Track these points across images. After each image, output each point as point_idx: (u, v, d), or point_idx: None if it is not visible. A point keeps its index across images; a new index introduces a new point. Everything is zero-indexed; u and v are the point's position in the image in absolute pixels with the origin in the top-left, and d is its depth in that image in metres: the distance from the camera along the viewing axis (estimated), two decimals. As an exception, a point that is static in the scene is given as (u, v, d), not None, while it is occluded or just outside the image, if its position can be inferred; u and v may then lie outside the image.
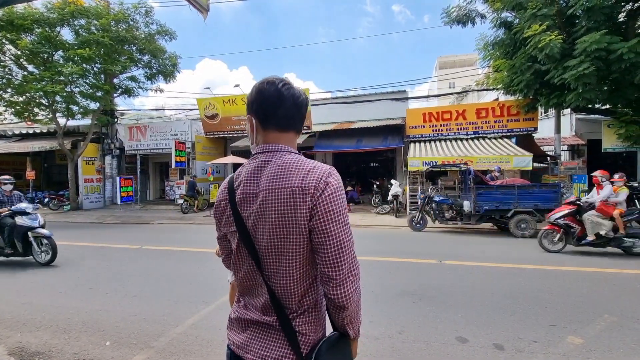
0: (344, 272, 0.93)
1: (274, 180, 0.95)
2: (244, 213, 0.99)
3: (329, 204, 0.92)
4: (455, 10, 11.35)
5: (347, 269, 0.93)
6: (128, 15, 13.93)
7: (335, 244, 0.92)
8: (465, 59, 41.64)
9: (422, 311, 3.75)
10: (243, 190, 1.00)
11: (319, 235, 0.92)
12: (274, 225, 0.94)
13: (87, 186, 15.92)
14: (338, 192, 0.95)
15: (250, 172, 1.01)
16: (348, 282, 0.93)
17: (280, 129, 1.03)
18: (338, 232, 0.93)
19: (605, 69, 8.12)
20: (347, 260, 0.93)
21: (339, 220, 0.93)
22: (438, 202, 9.10)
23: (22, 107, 13.90)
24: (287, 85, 1.02)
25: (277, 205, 0.93)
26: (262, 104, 1.02)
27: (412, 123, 13.50)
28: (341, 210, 0.95)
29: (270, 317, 1.00)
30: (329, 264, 0.92)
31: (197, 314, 3.76)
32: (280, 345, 0.98)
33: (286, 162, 0.97)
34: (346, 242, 0.94)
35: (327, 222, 0.92)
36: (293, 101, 1.02)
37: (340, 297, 0.93)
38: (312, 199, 0.91)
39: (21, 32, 12.43)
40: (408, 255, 6.47)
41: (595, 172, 6.57)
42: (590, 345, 2.97)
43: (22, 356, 2.94)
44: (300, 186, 0.92)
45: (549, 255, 6.31)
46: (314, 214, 0.92)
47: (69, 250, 7.36)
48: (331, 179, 0.95)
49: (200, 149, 15.76)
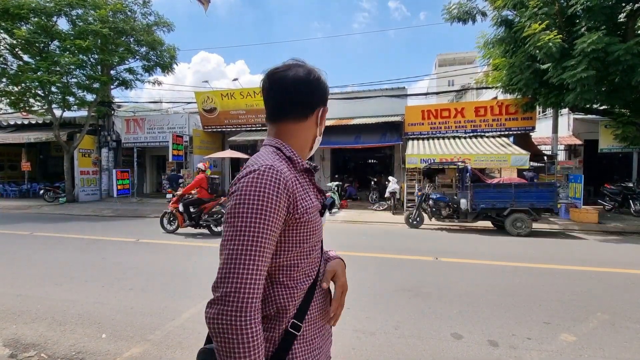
0: (217, 280, 0.78)
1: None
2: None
3: (231, 204, 0.82)
4: (456, 7, 11.30)
5: (219, 278, 0.78)
6: (126, 6, 13.77)
7: (223, 253, 0.80)
8: (464, 57, 41.58)
9: (417, 307, 3.78)
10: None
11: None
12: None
13: (83, 178, 15.82)
14: (242, 195, 0.80)
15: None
16: (217, 292, 0.77)
17: (271, 119, 0.99)
18: (227, 241, 0.79)
19: (604, 70, 8.14)
20: (224, 269, 0.78)
21: (229, 222, 0.80)
22: (435, 200, 9.13)
23: (17, 97, 13.74)
24: (276, 70, 0.96)
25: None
26: (263, 98, 1.00)
27: (410, 120, 13.50)
28: (237, 216, 0.79)
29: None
30: (218, 273, 0.80)
31: (193, 307, 3.77)
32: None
33: (250, 160, 0.93)
34: (234, 254, 0.77)
35: (224, 227, 0.82)
36: (279, 86, 0.95)
37: (206, 312, 0.78)
38: (229, 199, 0.85)
39: (17, 21, 12.25)
40: (404, 252, 6.51)
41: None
42: (583, 342, 3.01)
43: (18, 347, 2.93)
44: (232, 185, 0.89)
45: (545, 253, 6.37)
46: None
47: (64, 242, 7.33)
48: (246, 178, 0.83)
49: (198, 142, 15.69)
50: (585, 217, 9.77)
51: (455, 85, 31.61)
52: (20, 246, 6.99)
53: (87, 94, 14.67)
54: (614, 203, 11.45)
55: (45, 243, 7.26)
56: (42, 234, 8.20)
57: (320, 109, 1.00)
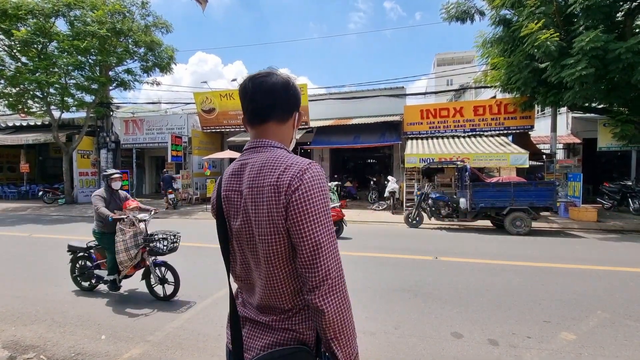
0: (321, 275, 0.86)
1: (254, 178, 0.93)
2: (228, 211, 0.99)
3: (303, 203, 0.86)
4: (454, 6, 11.31)
5: (324, 271, 0.86)
6: (124, 7, 13.75)
7: (310, 244, 0.86)
8: (463, 56, 41.59)
9: (417, 307, 3.77)
10: (226, 187, 1.00)
11: (295, 236, 0.88)
12: (255, 224, 0.92)
13: (82, 179, 15.80)
14: (313, 189, 0.88)
15: (235, 170, 1.01)
16: (325, 285, 0.86)
17: (257, 121, 1.02)
18: (314, 232, 0.86)
19: (602, 68, 8.15)
20: (324, 262, 0.86)
21: (314, 220, 0.87)
22: (434, 199, 9.13)
23: (16, 98, 13.69)
24: (258, 76, 1.00)
25: (256, 205, 0.91)
26: (241, 100, 1.03)
27: (409, 120, 13.50)
28: (317, 210, 0.87)
29: (266, 317, 0.98)
30: (305, 265, 0.87)
31: (192, 308, 3.76)
32: (273, 340, 0.96)
33: (267, 158, 0.95)
34: (324, 243, 0.87)
35: (301, 222, 0.86)
36: (261, 90, 0.99)
37: (316, 301, 0.86)
38: (285, 198, 0.87)
39: (15, 22, 12.21)
40: (404, 251, 6.51)
41: None
42: (583, 341, 3.01)
43: (17, 349, 2.92)
44: (275, 184, 0.89)
45: (545, 252, 6.37)
46: (288, 214, 0.87)
47: (63, 244, 7.31)
48: (307, 175, 0.89)
49: (197, 143, 15.67)
50: (584, 216, 9.78)
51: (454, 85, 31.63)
52: (20, 248, 6.98)
53: (86, 95, 14.64)
54: (613, 201, 11.46)
55: (44, 245, 7.24)
56: (41, 236, 8.18)
57: (296, 113, 1.07)
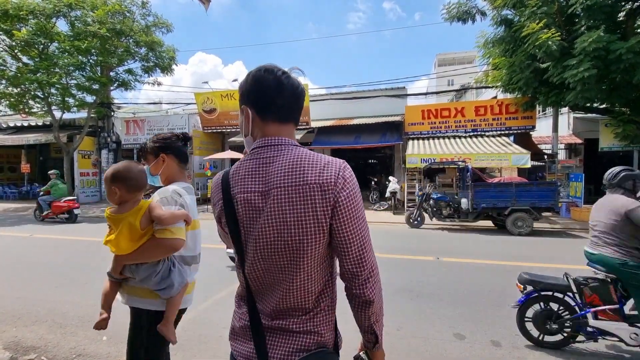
0: (368, 268, 0.93)
1: (287, 176, 0.89)
2: (245, 214, 0.91)
3: (350, 201, 0.90)
4: (455, 7, 11.29)
5: (370, 264, 0.93)
6: (124, 7, 13.76)
7: (358, 241, 0.91)
8: (464, 57, 41.57)
9: (419, 308, 3.76)
10: (243, 189, 0.92)
11: (342, 233, 0.89)
12: (289, 224, 0.88)
13: (83, 180, 15.80)
14: (356, 187, 0.93)
15: (254, 168, 0.93)
16: (372, 277, 0.94)
17: (280, 120, 0.96)
18: (360, 230, 0.92)
19: (604, 69, 8.13)
20: (369, 256, 0.93)
21: (359, 217, 0.92)
22: (436, 199, 9.12)
23: (17, 99, 13.71)
24: (286, 74, 0.96)
25: (293, 203, 0.87)
26: (260, 93, 0.94)
27: (410, 120, 13.48)
28: (360, 207, 0.93)
29: (283, 321, 0.94)
30: (353, 261, 0.91)
31: (193, 309, 3.75)
32: (296, 346, 0.93)
33: (297, 156, 0.91)
34: (367, 239, 0.94)
35: (349, 219, 0.89)
36: (292, 91, 0.95)
37: (366, 293, 0.93)
38: (332, 196, 0.88)
39: (16, 23, 12.23)
40: (405, 252, 6.49)
41: None
42: (586, 341, 2.99)
43: (18, 350, 2.91)
44: (317, 182, 0.87)
45: (546, 253, 6.35)
46: (335, 211, 0.88)
47: (64, 244, 7.32)
48: (347, 173, 0.92)
49: (197, 143, 15.67)
50: (586, 216, 9.70)
51: (455, 85, 31.61)
52: (20, 248, 6.98)
53: (87, 95, 14.64)
54: (615, 202, 11.41)
55: (45, 245, 7.24)
56: (42, 236, 8.18)
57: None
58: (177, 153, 1.78)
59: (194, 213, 1.74)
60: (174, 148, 1.76)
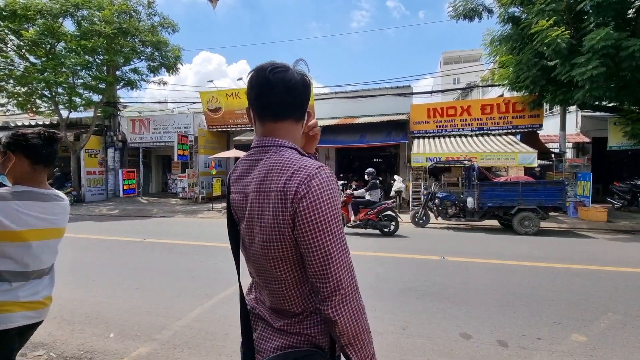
0: (332, 285, 0.83)
1: (261, 181, 0.89)
2: (236, 213, 0.97)
3: (310, 212, 0.82)
4: (462, 4, 11.20)
5: (335, 281, 0.83)
6: (130, 7, 13.85)
7: (320, 255, 0.83)
8: (470, 55, 41.24)
9: (425, 307, 3.74)
10: (235, 189, 0.98)
11: (303, 246, 0.84)
12: (261, 229, 0.88)
13: (90, 178, 15.95)
14: (322, 197, 0.83)
15: (242, 171, 0.97)
16: (336, 295, 0.83)
17: (274, 118, 0.95)
18: (323, 243, 0.82)
19: (614, 67, 8.01)
20: (335, 272, 0.83)
21: (323, 230, 0.82)
22: (441, 199, 9.07)
23: (25, 98, 13.88)
24: (277, 69, 0.92)
25: (262, 210, 0.87)
26: (252, 92, 0.95)
27: (416, 119, 13.41)
28: (326, 218, 0.83)
29: (278, 322, 0.96)
30: (315, 275, 0.84)
31: (199, 307, 3.77)
32: (287, 343, 0.94)
33: (276, 160, 0.89)
34: (334, 253, 0.83)
35: (309, 232, 0.82)
36: (283, 85, 0.91)
37: (327, 311, 0.84)
38: (292, 206, 0.82)
39: (24, 23, 12.38)
40: (411, 251, 6.47)
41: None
42: (595, 343, 2.96)
43: (27, 347, 2.95)
44: (282, 190, 0.84)
45: (553, 253, 6.29)
46: (295, 223, 0.83)
47: (71, 242, 7.39)
48: (314, 181, 0.83)
49: (203, 142, 15.74)
50: (594, 216, 9.64)
51: (460, 83, 31.39)
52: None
53: (93, 95, 14.78)
54: (623, 201, 11.28)
55: (53, 242, 7.32)
56: (50, 234, 8.27)
57: (306, 113, 1.02)
58: (27, 152, 1.51)
59: (23, 222, 1.47)
60: (24, 146, 1.50)
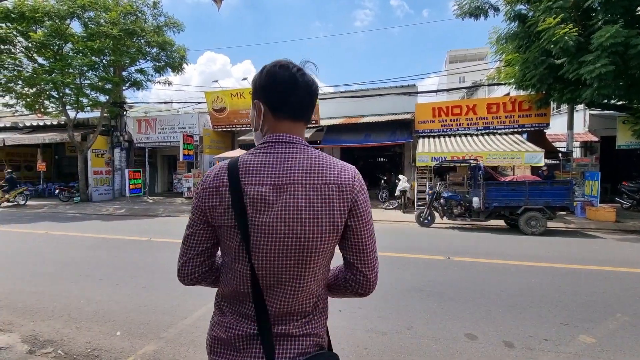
0: (376, 270, 0.98)
1: (307, 173, 0.88)
2: (256, 206, 0.86)
3: (365, 204, 0.94)
4: (468, 2, 11.12)
5: (377, 265, 0.99)
6: (136, 8, 13.96)
7: (371, 243, 0.96)
8: (476, 53, 40.94)
9: (430, 307, 3.72)
10: (258, 180, 0.87)
11: (358, 234, 0.93)
12: (303, 220, 0.85)
13: (97, 178, 16.12)
14: (367, 192, 0.98)
15: (269, 162, 0.89)
16: (377, 277, 1.00)
17: (292, 118, 0.94)
18: (372, 232, 0.96)
19: (622, 64, 7.90)
20: (376, 257, 0.99)
21: (371, 218, 0.96)
22: (447, 198, 9.01)
23: (33, 99, 14.07)
24: (301, 71, 0.94)
25: (311, 200, 0.86)
26: (274, 89, 0.92)
27: (421, 118, 13.35)
28: (370, 209, 0.98)
29: (283, 326, 0.91)
30: (365, 262, 0.96)
31: (205, 306, 3.79)
32: (297, 350, 0.91)
33: (313, 155, 0.91)
34: (374, 237, 0.99)
35: (365, 221, 0.93)
36: (306, 89, 0.94)
37: (369, 290, 0.99)
38: (350, 197, 0.90)
39: (32, 25, 12.53)
40: (416, 251, 6.44)
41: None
42: (602, 344, 2.92)
43: (36, 344, 2.99)
44: (336, 183, 0.89)
45: (561, 253, 6.22)
46: (352, 212, 0.91)
47: (79, 241, 7.48)
48: (360, 177, 0.96)
49: (208, 142, 15.82)
50: (602, 216, 9.52)
51: (466, 82, 31.16)
52: (37, 245, 7.16)
53: (100, 95, 14.95)
54: (632, 201, 11.12)
55: (60, 242, 7.41)
56: (58, 233, 8.38)
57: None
58: None
59: None
60: None
